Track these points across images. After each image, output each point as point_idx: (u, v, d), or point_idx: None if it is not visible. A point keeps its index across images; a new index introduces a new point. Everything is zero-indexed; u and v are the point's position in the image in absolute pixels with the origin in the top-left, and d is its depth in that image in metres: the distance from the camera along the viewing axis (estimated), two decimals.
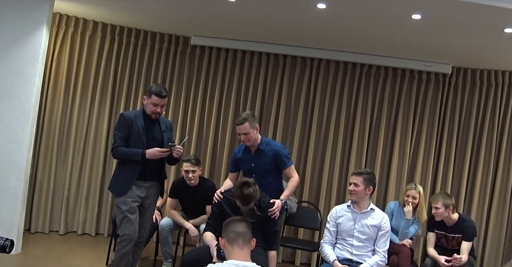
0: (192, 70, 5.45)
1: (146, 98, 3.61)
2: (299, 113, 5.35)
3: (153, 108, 3.58)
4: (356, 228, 3.53)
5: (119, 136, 3.57)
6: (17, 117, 4.35)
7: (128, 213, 3.52)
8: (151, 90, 3.58)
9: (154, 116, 3.62)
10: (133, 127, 3.56)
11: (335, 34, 4.62)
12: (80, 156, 5.31)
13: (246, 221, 2.61)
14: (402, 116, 5.33)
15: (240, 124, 3.67)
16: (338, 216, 3.61)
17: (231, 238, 2.45)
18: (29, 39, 4.37)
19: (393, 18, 3.92)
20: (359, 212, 3.57)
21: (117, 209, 3.59)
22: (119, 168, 3.69)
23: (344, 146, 5.36)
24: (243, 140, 3.74)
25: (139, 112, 3.66)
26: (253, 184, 3.33)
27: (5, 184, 4.33)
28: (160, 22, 5.08)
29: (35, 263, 4.27)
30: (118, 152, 3.56)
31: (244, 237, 2.47)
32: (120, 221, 3.55)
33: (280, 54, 5.34)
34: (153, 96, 3.55)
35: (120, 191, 3.57)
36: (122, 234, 3.52)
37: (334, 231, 3.61)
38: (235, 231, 2.47)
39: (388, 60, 5.18)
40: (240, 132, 3.69)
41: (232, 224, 2.53)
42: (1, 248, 2.15)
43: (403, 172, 5.30)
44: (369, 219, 3.53)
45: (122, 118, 3.61)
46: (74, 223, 5.37)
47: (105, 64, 5.33)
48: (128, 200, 3.53)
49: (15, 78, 4.35)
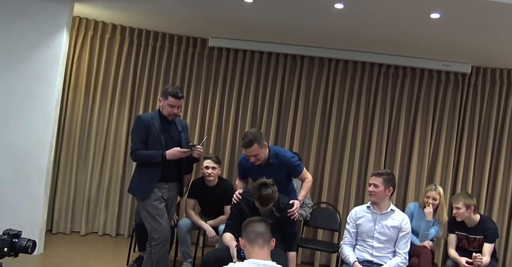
0: (210, 71, 5.48)
1: (162, 100, 3.60)
2: (317, 114, 5.34)
3: (169, 110, 3.59)
4: (376, 229, 3.49)
5: (137, 139, 3.56)
6: (38, 119, 4.43)
7: (157, 216, 3.52)
8: (167, 91, 3.58)
9: (171, 117, 3.63)
10: (150, 128, 3.56)
11: (352, 34, 4.59)
12: (100, 157, 5.38)
13: (265, 221, 2.62)
14: (421, 116, 5.28)
15: (249, 146, 3.53)
16: (358, 217, 3.59)
17: (251, 238, 2.48)
18: (50, 42, 4.45)
19: (412, 17, 3.89)
20: (379, 213, 3.53)
21: (146, 213, 3.56)
22: (139, 171, 3.67)
23: (362, 147, 5.33)
24: (253, 161, 3.64)
25: (155, 114, 3.66)
26: (271, 185, 3.32)
27: (27, 185, 4.40)
28: (178, 24, 5.12)
29: (57, 263, 4.32)
30: (138, 155, 3.56)
31: (264, 237, 2.48)
32: (151, 225, 3.54)
33: (298, 55, 5.33)
34: (170, 97, 3.55)
35: (143, 194, 3.57)
36: (156, 237, 3.52)
37: (354, 233, 3.58)
38: (254, 231, 2.49)
39: (406, 60, 5.15)
40: (250, 154, 3.58)
41: (251, 224, 2.56)
42: (23, 248, 2.18)
43: (422, 173, 5.24)
44: (389, 220, 3.50)
45: (139, 121, 3.60)
46: (95, 224, 5.43)
47: (124, 67, 5.39)
48: (156, 203, 3.54)
49: (37, 81, 4.44)
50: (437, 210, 4.28)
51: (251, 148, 3.54)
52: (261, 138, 3.58)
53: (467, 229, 4.09)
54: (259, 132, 3.63)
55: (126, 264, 4.49)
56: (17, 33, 4.42)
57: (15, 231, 2.19)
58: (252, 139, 3.51)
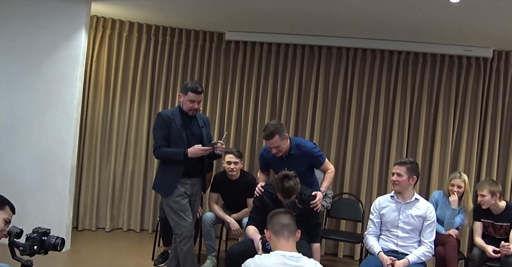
0: (228, 65, 5.48)
1: (182, 96, 3.60)
2: (336, 104, 5.30)
3: (190, 105, 3.58)
4: (400, 219, 3.46)
5: (159, 136, 3.57)
6: (61, 119, 4.49)
7: (181, 212, 3.54)
8: (186, 87, 3.58)
9: (191, 112, 3.62)
10: (171, 125, 3.56)
11: (371, 21, 4.53)
12: (122, 154, 5.44)
13: (290, 213, 2.62)
14: (443, 103, 5.20)
15: (270, 138, 3.52)
16: (382, 207, 3.55)
17: (276, 230, 2.47)
18: (69, 42, 4.50)
19: (432, 2, 3.81)
20: (403, 202, 3.49)
21: (169, 209, 3.58)
22: (162, 168, 3.69)
23: (384, 136, 5.28)
24: (275, 153, 3.63)
25: (176, 110, 3.66)
26: (294, 177, 3.31)
27: (53, 184, 4.48)
28: (195, 19, 5.13)
29: (84, 259, 4.40)
30: (160, 152, 3.57)
31: (289, 229, 2.48)
32: (175, 220, 3.57)
33: (315, 45, 5.29)
34: (190, 92, 3.54)
35: (167, 191, 3.59)
36: (180, 233, 3.55)
37: (378, 222, 3.55)
38: (280, 223, 2.48)
39: (426, 46, 5.06)
40: (271, 146, 3.57)
41: (276, 216, 2.55)
42: (52, 246, 2.22)
43: (446, 161, 5.17)
44: (413, 209, 3.45)
45: (160, 118, 3.60)
46: (120, 220, 5.51)
47: (142, 64, 5.43)
48: (178, 199, 3.56)
49: (58, 82, 4.50)
50: (462, 198, 4.22)
51: (272, 140, 3.52)
52: (282, 129, 3.57)
53: (493, 217, 4.03)
54: (280, 123, 3.62)
55: (152, 259, 4.55)
56: (36, 34, 4.48)
57: (44, 229, 2.23)
58: (273, 131, 3.50)
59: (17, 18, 4.47)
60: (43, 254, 2.24)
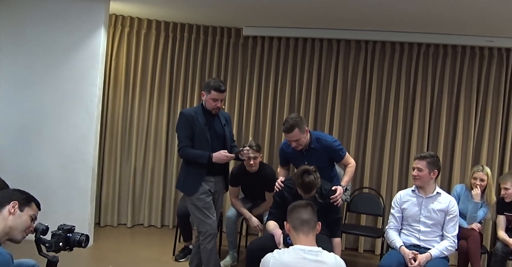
0: (246, 61, 5.48)
1: (205, 94, 3.55)
2: (356, 98, 5.26)
3: (213, 103, 3.54)
4: (422, 213, 3.42)
5: (183, 135, 3.53)
6: (82, 117, 4.56)
7: (205, 209, 3.53)
8: (209, 85, 3.52)
9: (214, 111, 3.59)
10: (195, 124, 3.52)
11: (390, 13, 4.46)
12: (142, 151, 5.49)
13: (311, 206, 2.58)
14: (465, 95, 5.11)
15: (289, 131, 3.51)
16: (403, 202, 3.51)
17: (295, 225, 2.46)
18: (89, 41, 4.55)
19: None
20: (425, 196, 3.45)
21: (193, 207, 3.56)
22: (185, 168, 3.65)
23: (404, 129, 5.22)
24: (295, 146, 3.62)
25: (199, 108, 3.61)
26: (314, 171, 3.30)
27: (75, 181, 4.56)
28: (212, 15, 5.13)
29: (106, 255, 4.47)
30: (185, 153, 3.53)
31: (309, 224, 2.46)
32: (198, 218, 3.55)
33: (334, 39, 5.25)
34: (213, 91, 3.49)
35: (190, 191, 3.57)
36: (204, 230, 3.53)
37: (400, 217, 3.52)
38: (299, 218, 2.46)
39: (446, 37, 4.97)
40: (291, 139, 3.56)
41: (296, 210, 2.52)
42: (77, 242, 2.27)
43: (468, 154, 5.09)
44: (435, 203, 3.41)
45: (183, 116, 3.56)
46: (140, 216, 5.57)
47: (161, 61, 5.46)
48: (203, 197, 3.54)
49: (78, 80, 4.56)
50: (485, 191, 4.15)
51: (292, 133, 3.52)
52: (302, 123, 3.56)
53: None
54: (300, 117, 3.61)
55: (173, 254, 4.59)
56: (57, 34, 4.54)
57: (69, 226, 2.28)
58: (293, 124, 3.49)
59: (40, 19, 4.54)
60: (68, 251, 2.28)
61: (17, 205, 2.13)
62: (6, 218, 2.10)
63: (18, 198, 2.17)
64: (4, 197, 2.16)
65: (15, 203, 2.13)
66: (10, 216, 2.11)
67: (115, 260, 4.32)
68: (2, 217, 2.10)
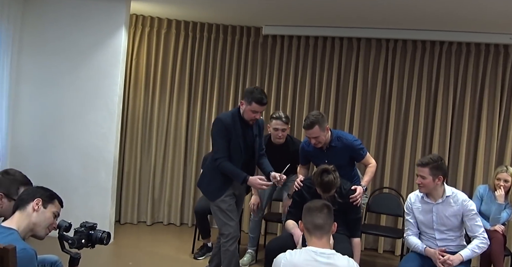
0: (265, 60, 5.47)
1: (245, 104, 3.37)
2: (376, 97, 5.20)
3: (251, 115, 3.38)
4: (435, 220, 3.24)
5: (221, 145, 3.38)
6: (103, 115, 4.61)
7: (229, 212, 3.47)
8: (251, 96, 3.32)
9: (252, 122, 3.45)
10: (231, 132, 3.39)
11: (411, 11, 4.40)
12: (162, 149, 5.53)
13: (327, 208, 2.46)
14: (488, 94, 5.01)
15: (310, 128, 3.48)
16: (414, 208, 3.35)
17: (308, 228, 2.41)
18: (110, 41, 4.61)
19: None
20: (435, 203, 3.24)
21: (217, 209, 3.48)
22: (212, 172, 3.51)
23: (426, 128, 5.14)
24: (314, 144, 3.59)
25: (236, 116, 3.44)
26: (333, 171, 3.28)
27: (96, 179, 4.62)
28: (232, 14, 5.14)
29: (126, 252, 4.52)
30: (223, 166, 3.39)
31: (323, 230, 2.38)
32: (222, 220, 3.47)
33: (354, 37, 5.21)
34: (254, 103, 3.32)
35: (213, 197, 3.51)
36: (227, 233, 3.45)
37: (415, 222, 3.35)
38: (313, 223, 2.39)
39: (469, 35, 4.88)
40: (311, 136, 3.53)
41: (311, 213, 2.42)
42: (99, 240, 2.30)
43: (491, 155, 4.99)
44: (447, 208, 3.20)
45: (220, 124, 3.39)
46: (160, 214, 5.62)
47: (181, 60, 5.49)
48: (227, 199, 3.48)
49: (100, 79, 4.62)
50: (509, 192, 4.06)
51: (312, 130, 3.49)
52: (323, 120, 3.53)
53: None
54: (321, 114, 3.59)
55: (192, 251, 4.61)
56: (79, 34, 4.61)
57: (91, 224, 2.31)
58: (313, 121, 3.47)
59: (63, 19, 4.61)
60: (90, 248, 2.32)
61: (40, 202, 2.17)
62: (30, 215, 2.14)
63: (41, 196, 2.21)
64: (28, 194, 2.20)
65: (39, 200, 2.17)
66: (34, 213, 2.15)
67: (135, 257, 4.37)
68: (26, 214, 2.14)
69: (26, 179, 2.48)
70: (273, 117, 4.20)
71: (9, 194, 2.36)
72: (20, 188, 2.38)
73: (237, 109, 3.48)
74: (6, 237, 2.00)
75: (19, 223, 2.12)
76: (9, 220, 2.13)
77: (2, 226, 2.10)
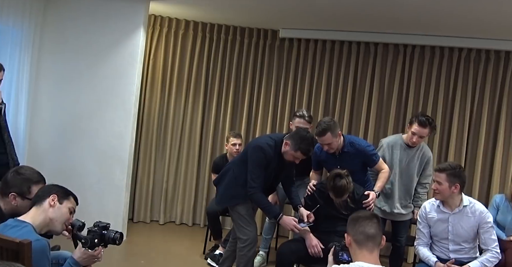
0: (281, 63, 5.47)
1: (290, 147, 3.30)
2: (392, 103, 5.16)
3: (292, 159, 3.36)
4: (450, 231, 3.16)
5: (258, 175, 3.34)
6: (119, 114, 4.65)
7: (248, 216, 3.46)
8: (300, 144, 3.26)
9: (288, 162, 3.42)
10: (268, 164, 3.38)
11: (430, 17, 4.35)
12: (176, 150, 5.56)
13: (376, 218, 2.26)
14: (507, 102, 4.94)
15: (322, 135, 3.47)
16: (428, 217, 3.27)
17: (359, 239, 2.16)
18: (128, 41, 4.65)
19: None
20: (451, 212, 3.16)
21: (235, 214, 3.48)
22: (234, 181, 3.49)
23: (442, 136, 5.09)
24: (327, 150, 3.59)
25: (278, 147, 3.38)
26: (346, 175, 3.28)
27: (111, 177, 4.66)
28: (249, 17, 5.15)
29: (138, 250, 4.55)
30: (256, 198, 3.37)
31: (375, 240, 2.17)
32: (240, 225, 3.46)
33: (371, 42, 5.18)
34: (300, 153, 3.28)
35: (225, 203, 3.57)
36: (245, 238, 3.41)
37: (428, 232, 3.29)
38: (365, 233, 2.16)
39: (489, 42, 4.81)
40: (323, 143, 3.53)
41: (361, 222, 2.20)
42: (111, 240, 2.32)
43: (509, 163, 4.92)
44: (463, 219, 3.13)
45: (262, 154, 3.35)
46: (173, 213, 5.64)
47: (197, 61, 5.52)
48: (246, 204, 3.47)
49: (117, 78, 4.66)
50: None
51: (324, 137, 3.49)
52: (335, 126, 3.52)
53: None
54: (332, 120, 3.58)
55: (203, 252, 4.63)
56: (98, 33, 4.65)
57: (104, 224, 2.34)
58: (325, 128, 3.46)
59: (82, 19, 4.66)
60: (103, 247, 2.34)
61: (56, 198, 2.23)
62: (46, 210, 2.20)
63: (57, 192, 2.27)
64: (43, 191, 2.27)
65: (55, 196, 2.23)
66: (50, 209, 2.21)
67: (147, 256, 4.40)
68: (43, 209, 2.20)
69: (38, 177, 2.50)
70: (296, 115, 4.16)
71: (22, 193, 2.40)
72: (32, 186, 2.42)
73: (280, 141, 3.39)
74: (20, 230, 2.07)
75: (34, 217, 2.18)
76: (24, 215, 2.19)
77: (16, 219, 2.15)
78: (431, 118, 3.80)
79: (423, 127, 3.72)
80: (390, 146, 3.93)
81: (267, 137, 3.65)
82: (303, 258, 3.34)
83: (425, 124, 3.71)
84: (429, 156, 3.99)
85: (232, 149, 4.53)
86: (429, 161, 3.99)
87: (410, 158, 3.92)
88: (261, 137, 3.99)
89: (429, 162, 3.99)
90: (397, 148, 3.92)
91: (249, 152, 3.42)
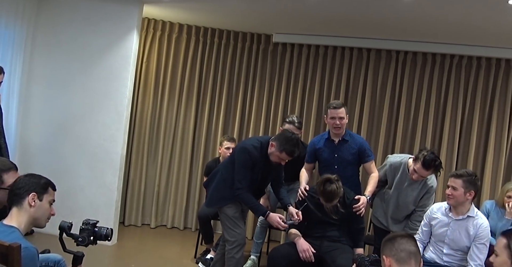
0: (275, 67, 5.48)
1: (275, 148, 3.35)
2: (384, 109, 5.19)
3: (278, 160, 3.42)
4: (448, 235, 3.20)
5: (244, 176, 3.40)
6: (112, 117, 4.64)
7: (235, 219, 3.48)
8: (285, 146, 3.32)
9: (275, 164, 3.48)
10: (255, 165, 3.43)
11: (423, 24, 4.40)
12: (168, 153, 5.55)
13: (412, 237, 2.20)
14: (498, 109, 4.99)
15: (339, 107, 3.73)
16: (433, 217, 3.31)
17: (401, 257, 2.07)
18: (121, 43, 4.64)
19: (487, 4, 3.66)
20: (455, 218, 3.19)
21: (223, 215, 3.50)
22: (222, 183, 3.54)
23: (433, 142, 5.12)
24: (338, 124, 3.73)
25: (264, 149, 3.43)
26: (336, 180, 3.29)
27: (102, 179, 4.63)
28: (243, 21, 5.16)
29: (129, 254, 4.53)
30: (243, 198, 3.42)
31: (417, 258, 2.09)
32: (228, 227, 3.48)
33: (364, 48, 5.21)
34: (285, 154, 3.34)
35: (214, 204, 3.59)
36: (233, 240, 3.44)
37: (427, 231, 3.34)
38: (406, 250, 2.07)
39: (480, 49, 4.87)
40: (338, 115, 3.72)
41: (400, 241, 2.11)
42: (104, 236, 2.32)
43: (499, 170, 4.96)
44: (464, 227, 3.15)
45: (248, 156, 3.40)
46: (164, 217, 5.62)
47: (190, 65, 5.52)
48: (234, 206, 3.50)
49: (110, 81, 4.65)
50: None
51: (340, 109, 3.73)
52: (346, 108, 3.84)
53: None
54: None
55: (194, 256, 4.61)
56: (91, 36, 4.64)
57: (94, 221, 2.34)
58: (342, 103, 3.83)
59: (75, 21, 4.65)
60: (93, 244, 2.33)
61: (35, 196, 2.13)
62: (28, 210, 2.11)
63: (35, 188, 2.15)
64: (20, 189, 2.14)
65: (34, 195, 2.13)
66: (32, 209, 2.12)
67: (137, 260, 4.37)
68: (24, 210, 2.11)
69: (9, 164, 2.41)
70: (286, 121, 4.17)
71: None
72: (2, 175, 2.33)
73: (266, 143, 3.44)
74: (8, 236, 2.00)
75: (19, 220, 2.10)
76: (8, 218, 2.11)
77: (2, 224, 2.10)
78: (437, 159, 3.51)
79: (426, 169, 3.51)
80: (393, 168, 3.85)
81: (254, 139, 3.69)
82: (294, 262, 3.33)
83: (428, 167, 3.49)
84: (431, 186, 3.73)
85: (226, 152, 4.53)
86: (429, 191, 3.74)
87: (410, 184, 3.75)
88: (248, 139, 4.00)
89: (430, 191, 3.74)
90: (399, 172, 3.81)
91: (236, 154, 3.49)
